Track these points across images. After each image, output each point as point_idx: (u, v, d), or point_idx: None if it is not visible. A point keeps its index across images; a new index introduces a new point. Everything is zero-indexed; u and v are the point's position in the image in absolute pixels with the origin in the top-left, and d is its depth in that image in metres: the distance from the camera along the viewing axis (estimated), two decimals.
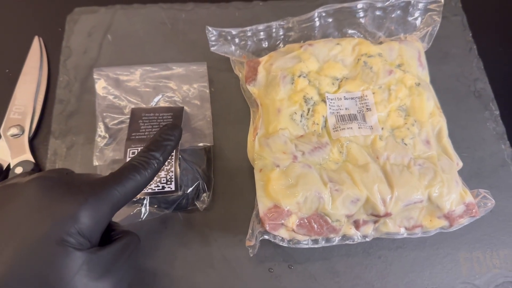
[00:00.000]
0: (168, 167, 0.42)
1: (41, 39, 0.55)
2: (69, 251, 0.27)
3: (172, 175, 0.42)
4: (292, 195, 0.38)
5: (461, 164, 0.43)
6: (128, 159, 0.43)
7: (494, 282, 0.43)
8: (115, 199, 0.31)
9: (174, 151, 0.43)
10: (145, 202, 0.42)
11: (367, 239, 0.41)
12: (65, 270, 0.27)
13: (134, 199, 0.42)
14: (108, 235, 0.33)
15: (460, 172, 0.46)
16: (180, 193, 0.41)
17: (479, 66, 0.55)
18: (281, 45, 0.51)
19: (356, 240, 0.41)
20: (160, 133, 0.37)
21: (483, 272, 0.44)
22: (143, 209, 0.42)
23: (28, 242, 0.27)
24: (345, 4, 0.49)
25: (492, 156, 0.50)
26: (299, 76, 0.45)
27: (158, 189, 0.42)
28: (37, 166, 0.47)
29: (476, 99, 0.53)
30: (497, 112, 0.52)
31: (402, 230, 0.41)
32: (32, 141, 0.49)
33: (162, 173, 0.42)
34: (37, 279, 0.26)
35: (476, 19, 0.59)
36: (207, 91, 0.50)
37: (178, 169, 0.42)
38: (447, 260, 0.44)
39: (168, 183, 0.42)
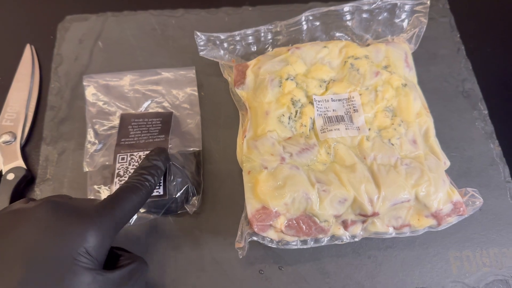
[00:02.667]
0: None
1: (33, 47, 0.56)
2: (78, 269, 0.28)
3: (160, 180, 0.42)
4: (280, 197, 0.39)
5: (448, 163, 0.44)
6: (117, 164, 0.43)
7: (484, 281, 0.43)
8: (117, 219, 0.33)
9: None
10: None
11: (356, 239, 0.42)
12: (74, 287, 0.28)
13: None
14: (117, 260, 0.34)
15: (449, 172, 0.46)
16: (168, 197, 0.42)
17: (467, 67, 0.56)
18: (269, 49, 0.51)
19: (345, 240, 0.42)
20: (148, 157, 0.40)
21: (473, 271, 0.44)
22: None
23: (39, 260, 0.28)
24: (332, 8, 0.50)
25: (481, 155, 0.50)
26: (287, 79, 0.45)
27: None
28: (29, 172, 0.48)
29: (465, 99, 0.54)
30: (486, 112, 0.53)
31: (391, 229, 0.41)
32: (24, 147, 0.50)
33: None
34: None
35: (464, 20, 0.60)
36: (197, 95, 0.51)
37: (166, 174, 0.42)
38: (437, 259, 0.44)
39: (157, 187, 0.42)
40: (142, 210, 0.43)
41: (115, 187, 0.42)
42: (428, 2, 0.50)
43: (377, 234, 0.42)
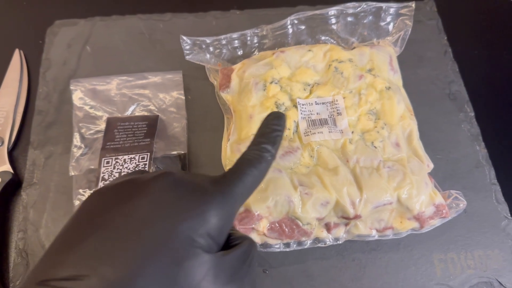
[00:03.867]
0: None
1: (21, 51, 0.56)
2: (198, 253, 0.25)
3: None
4: (262, 200, 0.39)
5: (432, 166, 0.44)
6: (102, 168, 0.44)
7: (469, 283, 0.43)
8: (238, 196, 0.29)
9: (148, 158, 0.44)
10: None
11: (339, 242, 0.42)
12: (193, 273, 0.24)
13: None
14: (227, 240, 0.30)
15: (435, 174, 0.46)
16: None
17: (454, 69, 0.56)
18: (256, 52, 0.52)
19: (328, 243, 0.42)
20: (267, 123, 0.33)
21: (458, 273, 0.44)
22: None
23: (156, 240, 0.24)
24: (317, 11, 0.50)
25: (466, 158, 0.50)
26: (271, 83, 0.45)
27: None
28: (16, 177, 0.48)
29: (451, 102, 0.54)
30: (472, 114, 0.53)
31: (374, 232, 0.42)
32: (11, 152, 0.50)
33: None
34: (166, 279, 0.23)
35: (452, 22, 0.60)
36: (183, 98, 0.51)
37: None
38: (421, 261, 0.44)
39: None
40: None
41: None
42: (413, 5, 0.51)
43: (360, 236, 0.42)
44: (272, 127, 0.32)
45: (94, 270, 0.22)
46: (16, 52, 0.56)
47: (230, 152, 0.43)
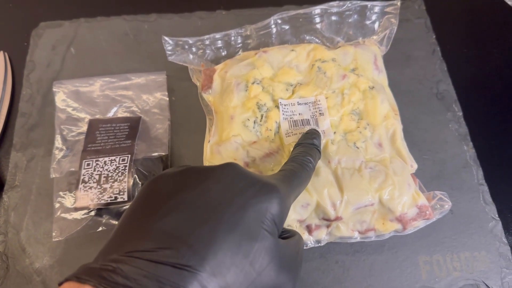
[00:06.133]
0: (121, 178, 0.42)
1: (6, 54, 0.56)
2: (266, 235, 0.27)
3: (125, 186, 0.42)
4: None
5: (415, 166, 0.43)
6: (83, 170, 0.43)
7: (455, 286, 0.43)
8: (292, 192, 0.32)
9: (128, 160, 0.44)
10: (99, 213, 0.42)
11: (321, 244, 0.41)
12: (263, 256, 0.26)
13: (87, 210, 0.42)
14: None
15: (421, 174, 0.46)
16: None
17: (442, 68, 0.55)
18: (240, 52, 0.51)
19: (309, 245, 0.41)
20: (310, 141, 0.38)
21: (443, 276, 0.43)
22: (97, 220, 0.42)
23: (233, 218, 0.26)
24: (300, 11, 0.49)
25: (454, 158, 0.49)
26: (253, 83, 0.45)
27: (111, 200, 0.42)
28: None
29: (439, 101, 0.53)
30: (460, 113, 0.52)
31: (356, 234, 0.41)
32: None
33: (115, 184, 0.42)
34: (241, 255, 0.25)
35: (440, 21, 0.59)
36: (167, 99, 0.51)
37: (130, 179, 0.42)
38: (406, 264, 0.43)
39: (121, 193, 0.42)
40: (106, 216, 0.43)
41: (80, 193, 0.42)
42: (399, 3, 0.50)
43: (342, 238, 0.41)
44: (315, 143, 0.38)
45: (178, 244, 0.24)
46: (1, 54, 0.56)
47: (210, 154, 0.42)
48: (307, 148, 0.37)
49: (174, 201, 0.27)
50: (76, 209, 0.42)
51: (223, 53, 0.51)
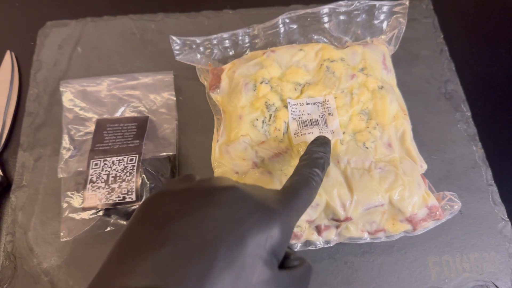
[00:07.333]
0: (129, 177, 0.42)
1: (13, 53, 0.56)
2: (264, 270, 0.25)
3: (133, 185, 0.42)
4: None
5: (425, 167, 0.43)
6: (91, 170, 0.43)
7: (464, 286, 0.42)
8: (295, 213, 0.30)
9: (136, 160, 0.43)
10: (107, 213, 0.42)
11: (330, 245, 0.41)
12: None
13: (95, 210, 0.42)
14: (285, 259, 0.30)
15: (429, 175, 0.46)
16: (141, 202, 0.41)
17: (450, 68, 0.55)
18: (247, 52, 0.51)
19: (318, 245, 0.41)
20: (316, 150, 0.35)
21: (453, 277, 0.43)
22: (105, 220, 0.42)
23: (229, 254, 0.25)
24: (309, 10, 0.49)
25: (462, 158, 0.49)
26: (261, 83, 0.44)
27: (119, 200, 0.41)
28: (5, 179, 0.47)
29: (447, 101, 0.53)
30: (469, 114, 0.52)
31: (365, 234, 0.41)
32: (1, 154, 0.50)
33: (124, 184, 0.42)
34: None
35: (448, 21, 0.59)
36: (174, 99, 0.50)
37: (139, 179, 0.42)
38: (416, 264, 0.43)
39: (129, 193, 0.42)
40: (114, 217, 0.43)
41: (88, 193, 0.42)
42: (407, 3, 0.50)
43: (351, 239, 0.41)
44: (320, 154, 0.35)
45: (169, 282, 0.22)
46: (7, 54, 0.56)
47: (219, 153, 0.42)
48: (312, 161, 0.34)
49: (170, 229, 0.25)
50: (84, 209, 0.42)
51: (230, 53, 0.51)
